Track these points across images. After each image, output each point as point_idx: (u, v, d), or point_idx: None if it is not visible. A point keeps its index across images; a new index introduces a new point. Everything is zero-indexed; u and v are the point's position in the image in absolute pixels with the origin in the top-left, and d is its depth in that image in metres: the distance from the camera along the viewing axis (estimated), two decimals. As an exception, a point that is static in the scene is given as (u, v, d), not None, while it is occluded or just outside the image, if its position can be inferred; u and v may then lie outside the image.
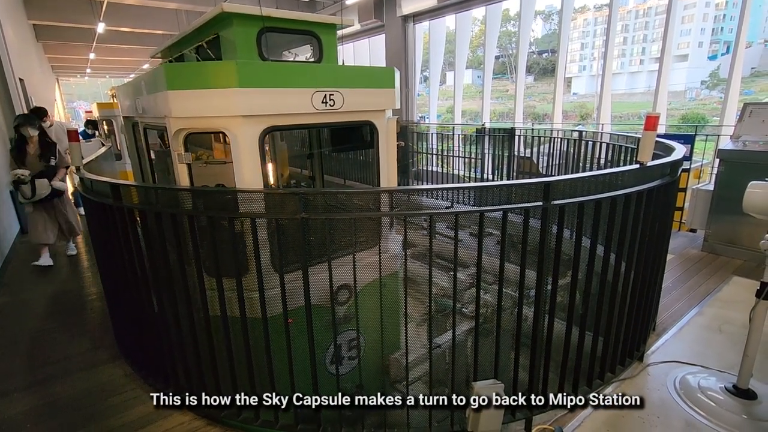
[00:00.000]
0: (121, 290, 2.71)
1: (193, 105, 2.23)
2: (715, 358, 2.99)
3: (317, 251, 2.29)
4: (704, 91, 49.39)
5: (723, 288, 4.04)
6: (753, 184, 2.31)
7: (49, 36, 16.48)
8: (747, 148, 4.43)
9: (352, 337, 2.56)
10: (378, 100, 2.72)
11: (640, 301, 2.71)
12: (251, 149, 2.31)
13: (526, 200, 2.04)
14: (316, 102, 2.44)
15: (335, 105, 2.52)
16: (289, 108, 2.39)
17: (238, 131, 2.28)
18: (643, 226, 2.47)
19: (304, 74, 2.43)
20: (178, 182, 2.42)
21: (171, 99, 2.21)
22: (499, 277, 2.09)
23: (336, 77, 2.53)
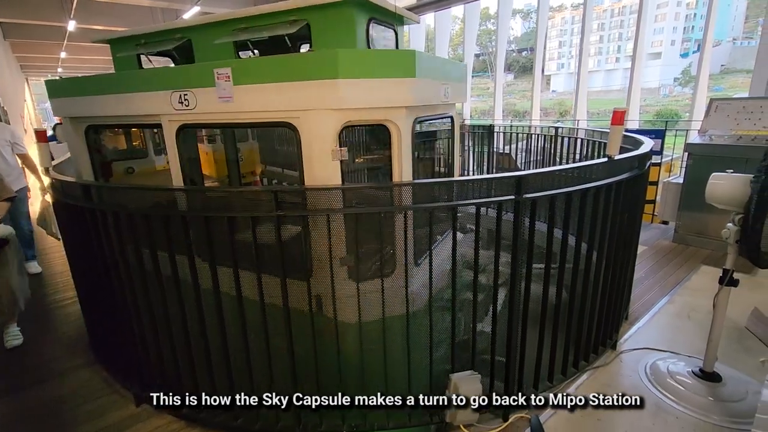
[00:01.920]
0: (95, 294, 2.66)
1: (365, 95, 2.02)
2: (684, 343, 3.11)
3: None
4: (677, 87, 50.84)
5: (692, 277, 4.20)
6: (714, 176, 2.40)
7: (18, 34, 15.94)
8: (713, 141, 4.60)
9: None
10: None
11: (612, 291, 2.80)
12: (409, 143, 2.20)
13: (499, 194, 2.09)
14: (442, 93, 2.46)
15: (448, 97, 2.56)
16: (430, 99, 2.35)
17: (402, 123, 2.13)
18: (613, 217, 2.55)
19: (437, 66, 2.44)
20: (320, 181, 2.14)
21: (342, 88, 1.96)
22: (474, 269, 2.13)
23: (446, 70, 2.58)
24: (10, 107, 11.86)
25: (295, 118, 2.10)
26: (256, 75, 2.09)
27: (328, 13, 2.36)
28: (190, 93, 2.24)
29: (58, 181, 2.51)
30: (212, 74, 2.14)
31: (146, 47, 2.99)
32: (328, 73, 1.95)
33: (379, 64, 2.05)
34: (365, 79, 2.00)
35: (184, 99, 2.27)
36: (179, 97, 2.28)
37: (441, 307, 2.20)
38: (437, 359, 2.24)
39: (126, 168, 8.69)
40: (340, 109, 2.04)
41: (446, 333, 2.22)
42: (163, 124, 2.46)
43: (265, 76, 2.07)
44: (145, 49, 3.00)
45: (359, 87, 2.00)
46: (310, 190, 1.97)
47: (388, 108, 2.12)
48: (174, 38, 2.84)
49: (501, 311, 2.24)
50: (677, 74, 50.70)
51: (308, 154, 2.13)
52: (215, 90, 2.18)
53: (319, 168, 2.11)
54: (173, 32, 2.87)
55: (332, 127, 2.06)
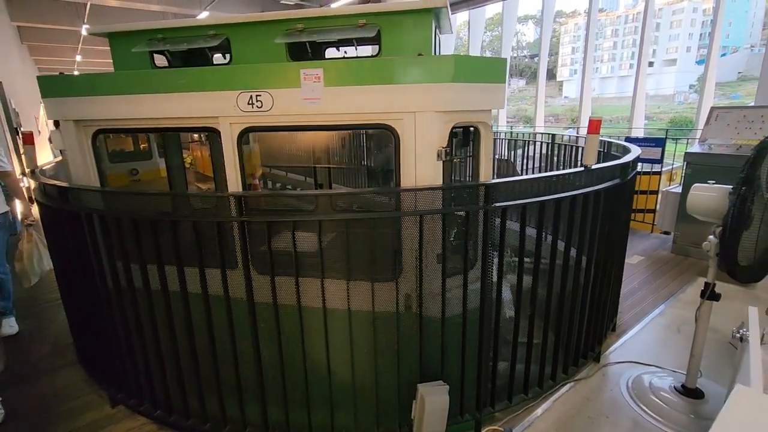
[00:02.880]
0: (74, 295, 2.70)
1: (469, 98, 2.10)
2: (671, 358, 3.03)
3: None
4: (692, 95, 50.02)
5: (687, 289, 4.10)
6: (695, 186, 2.34)
7: (35, 38, 16.38)
8: (712, 151, 4.50)
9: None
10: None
11: (594, 301, 2.74)
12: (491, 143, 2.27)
13: (467, 203, 2.06)
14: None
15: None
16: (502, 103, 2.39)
17: (487, 125, 2.22)
18: (593, 227, 2.50)
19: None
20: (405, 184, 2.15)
21: (453, 91, 2.02)
22: (442, 278, 2.10)
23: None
24: (24, 109, 12.15)
25: (397, 120, 2.09)
26: (352, 77, 2.05)
27: (405, 19, 2.39)
28: (266, 93, 2.12)
29: (42, 183, 2.53)
30: (297, 74, 2.06)
31: (165, 43, 2.63)
32: (443, 77, 2.00)
33: (481, 70, 2.13)
34: (471, 84, 2.08)
35: (256, 100, 2.15)
36: (250, 97, 2.15)
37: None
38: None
39: (130, 169, 8.85)
40: (449, 111, 2.08)
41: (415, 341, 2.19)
42: (222, 126, 2.23)
43: (363, 78, 2.05)
44: (162, 46, 2.63)
45: (466, 91, 2.08)
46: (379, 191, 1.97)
47: (481, 111, 2.21)
48: (207, 35, 2.56)
49: (471, 319, 2.20)
50: (693, 81, 49.92)
51: (409, 154, 2.11)
52: (298, 91, 2.08)
53: (423, 168, 2.10)
54: (205, 28, 2.60)
55: (441, 128, 2.08)
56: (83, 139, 2.52)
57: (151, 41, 2.65)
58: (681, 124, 35.80)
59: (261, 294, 2.08)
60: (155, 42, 2.64)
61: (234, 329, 2.13)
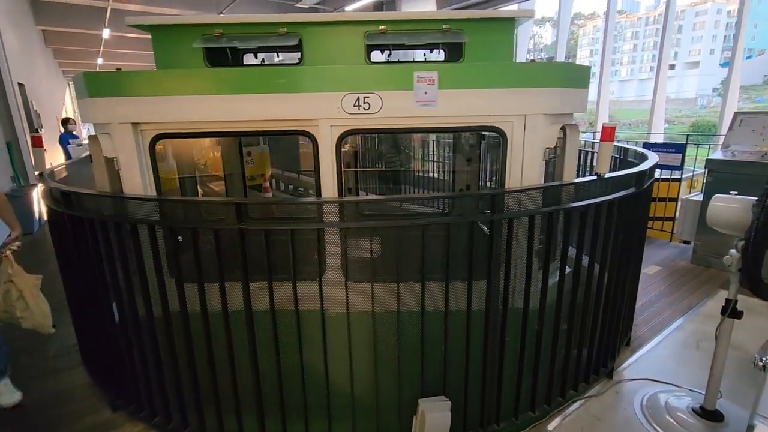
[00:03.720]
0: (77, 299, 2.70)
1: (567, 102, 2.22)
2: (689, 375, 2.88)
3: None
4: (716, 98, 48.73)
5: (707, 302, 3.92)
6: (716, 197, 2.22)
7: (59, 41, 16.84)
8: (735, 158, 4.31)
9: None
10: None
11: (606, 315, 2.62)
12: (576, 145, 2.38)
13: (473, 212, 1.98)
14: None
15: None
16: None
17: (575, 127, 2.31)
18: (606, 238, 2.39)
19: None
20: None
21: (560, 96, 2.15)
22: (445, 290, 2.03)
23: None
24: (46, 111, 12.47)
25: (506, 122, 2.16)
26: (465, 80, 2.09)
27: (491, 27, 2.45)
28: (375, 95, 2.07)
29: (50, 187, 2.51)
30: (409, 76, 2.05)
31: (231, 40, 2.43)
32: (553, 82, 2.12)
33: (575, 76, 2.24)
34: (569, 89, 2.19)
35: (363, 102, 2.09)
36: (357, 99, 2.09)
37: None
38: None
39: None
40: (556, 114, 2.18)
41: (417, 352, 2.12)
42: (322, 129, 2.13)
43: (475, 81, 2.09)
44: (228, 42, 2.44)
45: (567, 95, 2.19)
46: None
47: (570, 114, 2.34)
48: (279, 33, 2.40)
49: (476, 334, 2.12)
50: (716, 84, 48.60)
51: (517, 156, 2.18)
52: (408, 93, 2.08)
53: (529, 169, 2.17)
54: (274, 26, 2.42)
55: (548, 130, 2.15)
56: (141, 144, 2.21)
57: (209, 37, 2.41)
58: (703, 128, 34.83)
59: (258, 302, 2.04)
60: (216, 38, 2.41)
61: (232, 338, 2.09)
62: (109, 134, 2.14)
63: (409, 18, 2.43)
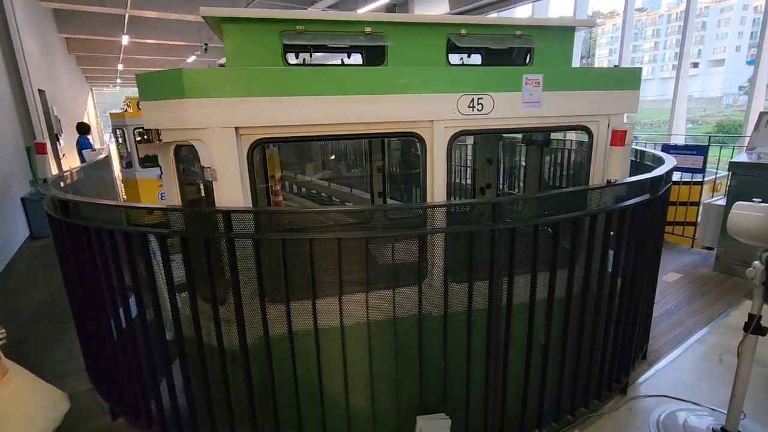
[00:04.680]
0: (79, 305, 2.69)
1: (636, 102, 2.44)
2: (710, 393, 2.72)
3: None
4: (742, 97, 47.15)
5: (731, 313, 3.72)
6: (738, 205, 2.07)
7: (81, 48, 17.33)
8: (761, 160, 4.08)
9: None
10: None
11: (618, 327, 2.48)
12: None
13: (473, 221, 1.89)
14: None
15: None
16: None
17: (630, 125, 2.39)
18: (618, 246, 2.26)
19: None
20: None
21: (635, 97, 2.42)
22: (444, 302, 1.93)
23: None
24: (68, 117, 12.81)
25: (594, 122, 2.37)
26: (562, 83, 2.24)
27: (554, 34, 2.54)
28: (488, 96, 2.12)
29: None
30: (518, 77, 2.15)
31: (315, 38, 2.28)
32: (630, 84, 2.39)
33: (637, 79, 2.45)
34: (636, 91, 2.44)
35: (477, 103, 2.12)
36: (471, 100, 2.11)
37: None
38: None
39: (159, 175, 9.09)
40: (630, 114, 2.44)
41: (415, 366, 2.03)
42: (435, 130, 2.11)
43: (570, 84, 2.26)
44: (312, 40, 2.28)
45: (635, 96, 2.45)
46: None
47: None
48: (362, 32, 2.29)
49: (477, 346, 2.02)
50: (743, 82, 46.95)
51: (602, 152, 2.35)
52: (516, 95, 2.16)
53: (613, 162, 2.25)
54: (357, 24, 2.31)
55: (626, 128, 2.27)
56: (240, 150, 1.97)
57: (291, 33, 2.23)
58: (729, 128, 33.64)
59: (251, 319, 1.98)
60: (298, 34, 2.24)
61: (224, 353, 2.04)
62: (202, 141, 1.91)
63: (486, 23, 2.50)
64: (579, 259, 2.13)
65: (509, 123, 2.24)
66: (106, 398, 2.72)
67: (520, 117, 2.20)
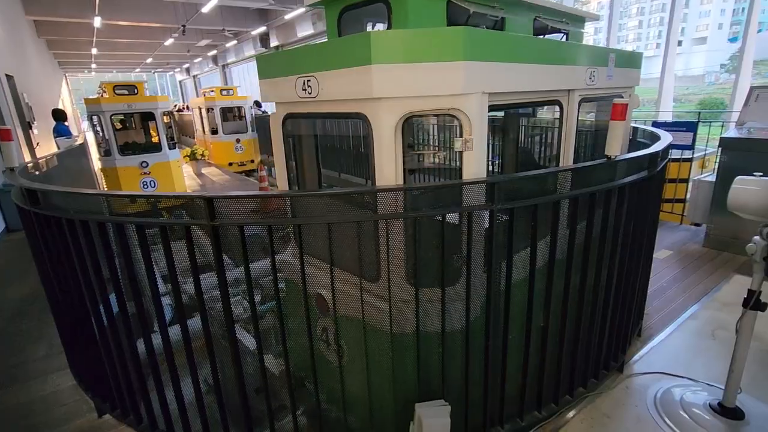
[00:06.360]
0: (57, 300, 2.56)
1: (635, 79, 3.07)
2: (705, 368, 2.73)
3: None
4: (723, 74, 47.62)
5: (723, 287, 3.74)
6: (739, 180, 2.02)
7: (51, 32, 16.52)
8: (752, 135, 4.07)
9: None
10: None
11: (616, 306, 2.45)
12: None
13: (470, 202, 1.80)
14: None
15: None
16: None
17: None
18: (616, 225, 2.21)
19: None
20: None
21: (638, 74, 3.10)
22: (441, 285, 1.86)
23: None
24: (41, 104, 12.28)
25: (625, 91, 2.93)
26: (620, 61, 2.73)
27: (578, 21, 2.94)
28: (598, 70, 2.52)
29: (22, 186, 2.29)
30: (605, 56, 2.60)
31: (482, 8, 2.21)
32: (640, 65, 3.06)
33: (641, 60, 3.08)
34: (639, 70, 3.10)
35: (592, 75, 2.47)
36: (591, 72, 2.46)
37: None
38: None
39: (140, 162, 8.79)
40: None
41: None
42: (571, 98, 2.38)
43: (623, 63, 2.77)
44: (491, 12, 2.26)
45: (638, 73, 3.09)
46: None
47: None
48: (495, 7, 2.29)
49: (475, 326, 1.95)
50: (725, 60, 47.32)
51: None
52: (604, 69, 2.59)
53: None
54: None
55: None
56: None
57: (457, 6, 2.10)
58: (711, 106, 34.02)
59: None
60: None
61: (212, 346, 1.94)
62: (460, 110, 1.78)
63: (552, 7, 2.66)
64: (578, 238, 2.07)
65: (599, 92, 2.62)
66: (92, 395, 2.62)
67: (605, 87, 2.62)
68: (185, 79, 36.54)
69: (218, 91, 12.97)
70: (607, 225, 2.14)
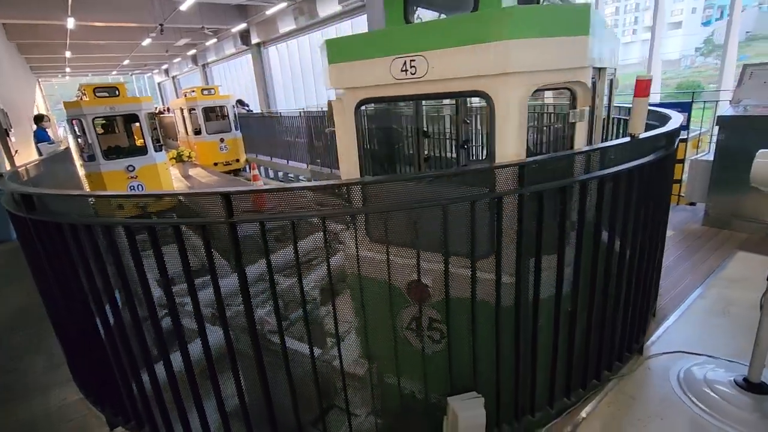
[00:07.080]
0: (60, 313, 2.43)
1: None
2: (722, 345, 2.73)
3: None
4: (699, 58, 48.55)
5: (727, 265, 3.77)
6: (762, 153, 2.01)
7: (22, 35, 15.92)
8: (748, 112, 4.10)
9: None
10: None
11: (637, 288, 2.43)
12: None
13: (500, 187, 1.74)
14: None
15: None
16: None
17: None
18: (638, 205, 2.18)
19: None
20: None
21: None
22: (472, 272, 1.80)
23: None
24: (15, 110, 11.83)
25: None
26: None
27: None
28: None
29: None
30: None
31: None
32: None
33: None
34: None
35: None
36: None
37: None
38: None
39: (126, 166, 8.52)
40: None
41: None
42: (602, 77, 2.35)
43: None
44: None
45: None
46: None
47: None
48: None
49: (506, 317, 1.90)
50: (699, 44, 48.21)
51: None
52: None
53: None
54: None
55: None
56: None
57: None
58: (689, 88, 34.66)
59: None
60: None
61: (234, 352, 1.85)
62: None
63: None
64: (603, 222, 2.03)
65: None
66: (101, 408, 2.50)
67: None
68: (164, 80, 35.72)
69: (199, 90, 12.70)
70: (630, 205, 2.10)
